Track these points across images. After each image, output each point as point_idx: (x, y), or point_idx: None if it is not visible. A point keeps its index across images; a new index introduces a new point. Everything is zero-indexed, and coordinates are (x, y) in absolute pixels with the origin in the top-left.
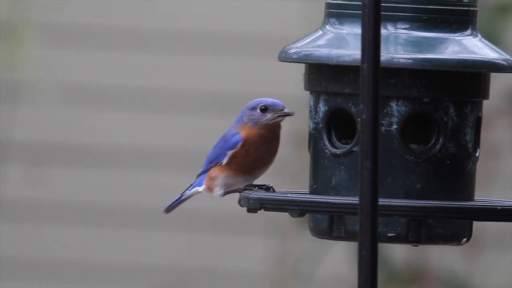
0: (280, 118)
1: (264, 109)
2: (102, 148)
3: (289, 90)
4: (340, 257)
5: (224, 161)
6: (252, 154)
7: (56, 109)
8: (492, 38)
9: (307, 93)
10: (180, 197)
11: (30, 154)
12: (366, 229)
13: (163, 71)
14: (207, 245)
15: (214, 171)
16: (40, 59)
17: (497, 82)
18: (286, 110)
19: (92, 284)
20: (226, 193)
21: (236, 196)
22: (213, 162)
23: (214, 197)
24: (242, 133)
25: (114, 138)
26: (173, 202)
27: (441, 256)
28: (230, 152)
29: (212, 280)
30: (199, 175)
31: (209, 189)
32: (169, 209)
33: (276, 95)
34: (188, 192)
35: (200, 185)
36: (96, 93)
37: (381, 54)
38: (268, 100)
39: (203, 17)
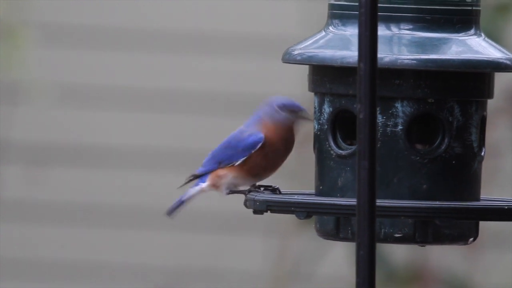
0: (301, 121)
1: (289, 110)
2: (100, 148)
3: (293, 90)
4: (340, 257)
5: (238, 162)
6: (270, 156)
7: (54, 109)
8: (493, 37)
9: (311, 93)
10: (181, 198)
11: (28, 154)
12: (364, 229)
13: (162, 71)
14: (206, 245)
15: (223, 171)
16: (38, 59)
17: (497, 81)
18: (307, 116)
19: (91, 284)
20: (231, 192)
21: (237, 195)
22: (222, 163)
23: (219, 194)
24: (263, 132)
25: (112, 138)
26: (175, 204)
27: (441, 256)
28: (246, 153)
29: (212, 280)
30: (201, 175)
31: (214, 186)
32: (170, 212)
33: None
34: (191, 191)
35: (203, 181)
36: (94, 93)
37: (385, 55)
38: (291, 101)
39: (204, 17)
